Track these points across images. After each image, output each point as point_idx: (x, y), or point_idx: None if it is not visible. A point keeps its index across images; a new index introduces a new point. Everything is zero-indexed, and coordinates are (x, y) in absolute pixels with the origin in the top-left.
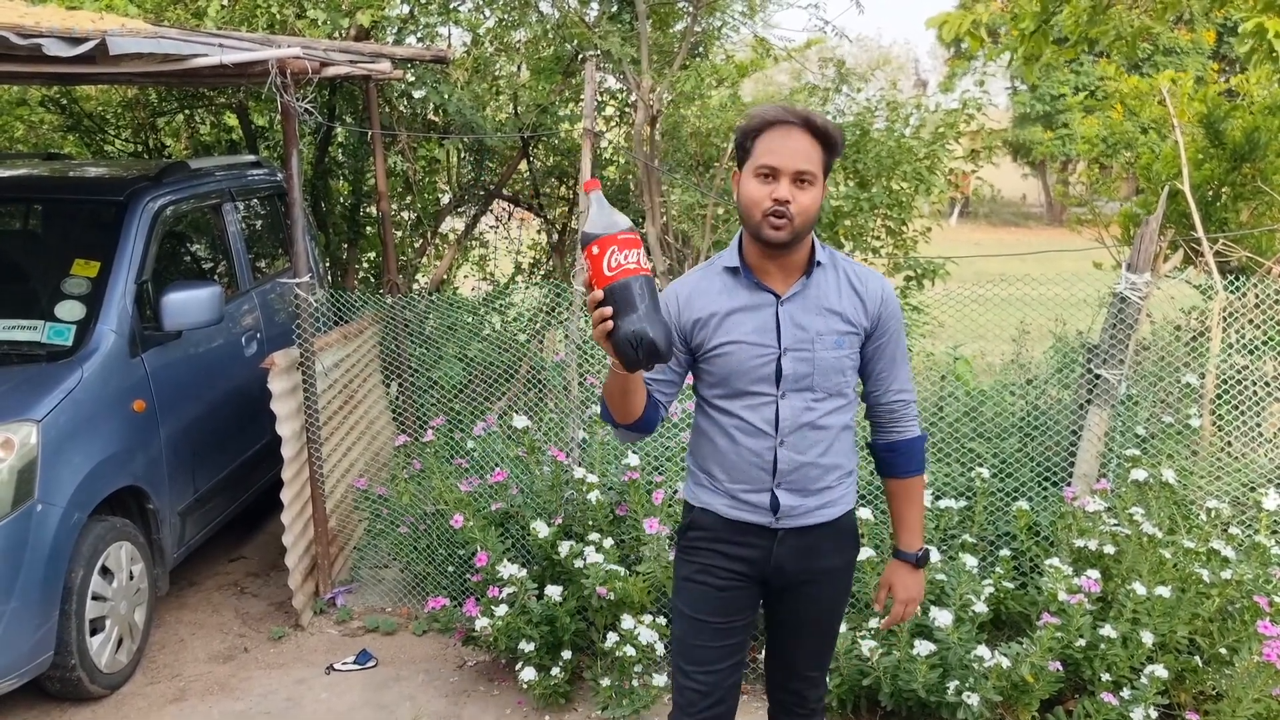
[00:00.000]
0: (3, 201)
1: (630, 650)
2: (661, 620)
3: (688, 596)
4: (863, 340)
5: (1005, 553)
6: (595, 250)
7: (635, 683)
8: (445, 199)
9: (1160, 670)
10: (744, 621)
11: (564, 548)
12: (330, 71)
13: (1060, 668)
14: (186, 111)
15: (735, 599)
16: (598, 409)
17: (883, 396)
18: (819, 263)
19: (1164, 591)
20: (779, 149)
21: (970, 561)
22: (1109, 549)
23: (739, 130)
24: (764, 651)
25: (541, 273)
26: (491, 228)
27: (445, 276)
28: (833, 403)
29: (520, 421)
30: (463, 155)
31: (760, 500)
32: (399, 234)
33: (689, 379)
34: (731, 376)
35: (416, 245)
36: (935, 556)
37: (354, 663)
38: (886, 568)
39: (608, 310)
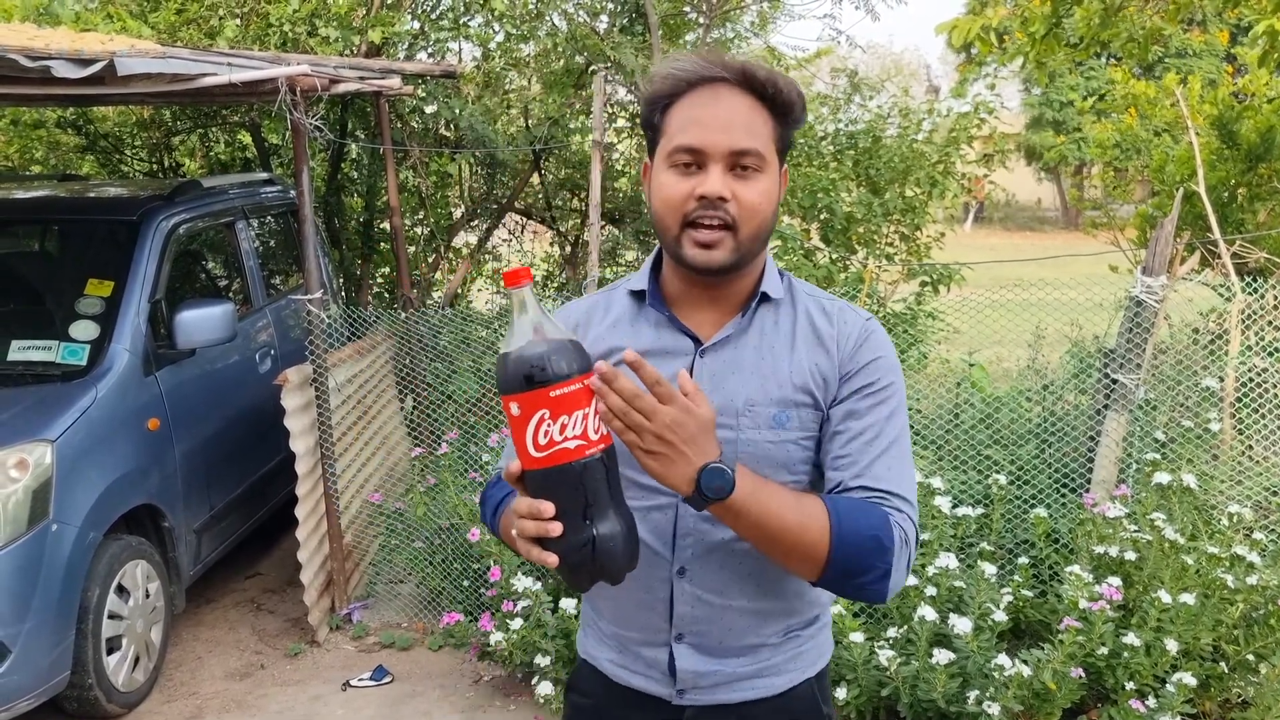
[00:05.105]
0: (18, 223)
1: None
2: None
3: None
4: (825, 413)
5: (1024, 560)
6: (516, 409)
7: None
8: (458, 213)
9: (1187, 678)
10: None
11: None
12: (340, 88)
13: (1083, 675)
14: (201, 130)
15: None
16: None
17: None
18: (766, 295)
19: (1188, 598)
20: (704, 118)
21: (989, 569)
22: (1130, 555)
23: (645, 99)
24: None
25: (555, 285)
26: (504, 241)
27: (459, 290)
28: None
29: None
30: (475, 169)
31: (655, 658)
32: (412, 249)
33: None
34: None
35: (430, 260)
36: (951, 563)
37: (370, 679)
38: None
39: (546, 508)
